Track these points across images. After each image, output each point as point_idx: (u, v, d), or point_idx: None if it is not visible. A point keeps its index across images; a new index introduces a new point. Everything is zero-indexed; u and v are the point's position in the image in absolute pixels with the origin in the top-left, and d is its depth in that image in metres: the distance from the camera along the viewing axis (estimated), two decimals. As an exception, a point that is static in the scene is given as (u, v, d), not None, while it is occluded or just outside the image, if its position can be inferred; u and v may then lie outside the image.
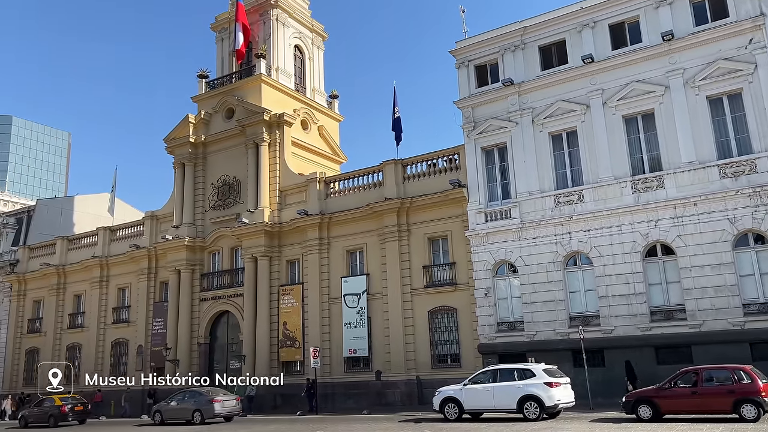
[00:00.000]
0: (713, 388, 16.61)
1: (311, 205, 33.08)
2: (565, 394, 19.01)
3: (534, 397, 18.52)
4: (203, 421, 25.00)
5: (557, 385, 18.76)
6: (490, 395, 19.38)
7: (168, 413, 26.74)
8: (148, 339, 37.85)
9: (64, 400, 30.17)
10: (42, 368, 42.81)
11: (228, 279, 35.82)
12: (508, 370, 19.78)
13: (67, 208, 53.23)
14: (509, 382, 19.20)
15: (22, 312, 45.63)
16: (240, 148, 36.52)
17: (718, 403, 16.35)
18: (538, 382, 18.72)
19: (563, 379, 19.40)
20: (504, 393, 19.09)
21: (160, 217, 39.75)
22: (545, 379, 18.75)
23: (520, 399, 18.69)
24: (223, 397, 25.80)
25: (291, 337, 32.43)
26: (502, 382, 19.37)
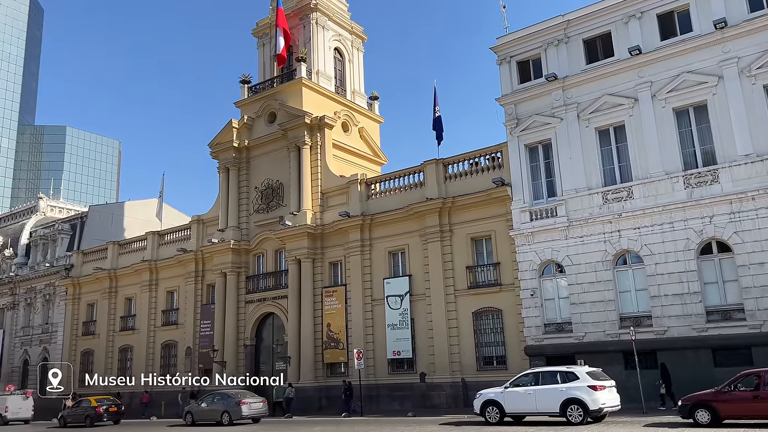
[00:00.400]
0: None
1: (353, 206, 33.08)
2: (609, 398, 18.50)
3: (577, 400, 18.08)
4: (231, 422, 25.63)
5: (601, 388, 18.26)
6: (532, 398, 19.07)
7: (198, 414, 27.71)
8: (196, 341, 38.56)
9: (99, 401, 31.55)
10: (97, 369, 44.32)
11: (272, 281, 36.17)
12: (551, 372, 19.44)
13: (118, 214, 54.89)
14: (552, 385, 18.87)
15: (77, 315, 47.19)
16: (282, 151, 36.86)
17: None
18: (582, 385, 18.25)
19: (608, 382, 18.86)
20: (546, 396, 18.74)
21: (206, 221, 40.48)
22: (589, 382, 18.28)
23: (563, 402, 18.31)
24: (250, 400, 26.45)
25: (335, 339, 32.48)
26: (544, 385, 19.03)
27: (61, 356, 47.05)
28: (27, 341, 50.59)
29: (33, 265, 52.01)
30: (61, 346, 47.33)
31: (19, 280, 52.01)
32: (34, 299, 51.06)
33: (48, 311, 49.88)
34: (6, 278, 53.15)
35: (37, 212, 59.24)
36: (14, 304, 52.41)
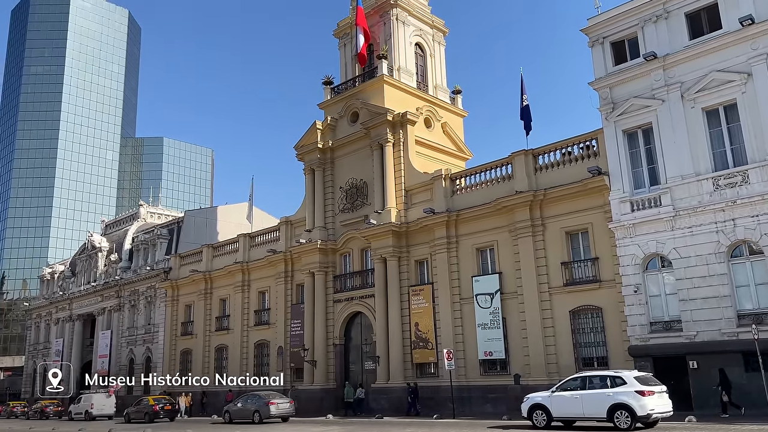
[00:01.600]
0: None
1: (437, 203, 32.29)
2: (659, 403, 17.87)
3: (625, 405, 17.68)
4: (261, 421, 28.13)
5: (650, 393, 17.74)
6: (579, 403, 18.81)
7: (234, 413, 30.45)
8: (287, 340, 39.12)
9: (156, 400, 35.67)
10: (194, 368, 46.07)
11: (359, 280, 36.03)
12: (599, 377, 19.19)
13: (212, 218, 56.98)
14: (599, 389, 18.57)
15: (176, 316, 49.31)
16: (366, 150, 36.66)
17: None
18: (629, 390, 17.88)
19: (658, 387, 18.22)
20: (593, 400, 18.47)
21: (294, 222, 41.02)
22: (637, 387, 17.85)
23: (611, 407, 17.95)
24: (278, 401, 28.97)
25: (423, 339, 31.80)
26: (591, 390, 18.78)
27: (162, 355, 49.36)
28: (132, 341, 53.49)
29: (135, 269, 54.97)
30: (162, 345, 49.62)
31: (124, 283, 55.14)
32: (137, 301, 53.93)
33: (150, 312, 52.51)
34: (112, 281, 56.54)
35: (138, 219, 62.68)
36: (120, 306, 55.63)
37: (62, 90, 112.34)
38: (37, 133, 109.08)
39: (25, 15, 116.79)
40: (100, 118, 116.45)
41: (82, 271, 63.09)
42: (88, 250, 63.09)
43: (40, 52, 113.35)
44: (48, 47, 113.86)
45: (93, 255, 61.72)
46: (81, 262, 64.07)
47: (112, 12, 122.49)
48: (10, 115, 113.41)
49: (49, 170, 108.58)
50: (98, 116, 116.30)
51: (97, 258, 60.95)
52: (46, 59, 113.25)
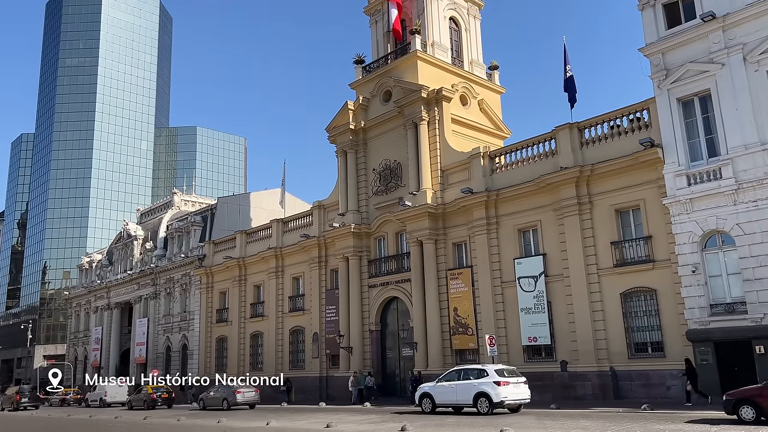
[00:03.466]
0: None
1: (476, 182, 30.84)
2: (514, 392, 21.28)
3: (485, 393, 21.09)
4: (229, 407, 31.55)
5: (506, 383, 21.11)
6: (454, 392, 22.42)
7: (207, 401, 33.95)
8: (322, 326, 38.34)
9: (155, 389, 38.97)
10: (230, 355, 45.80)
11: (394, 264, 34.91)
12: (470, 370, 22.78)
13: (244, 205, 56.60)
14: (468, 380, 22.01)
15: (211, 303, 49.07)
16: (399, 130, 35.38)
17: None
18: (489, 381, 21.25)
19: (514, 378, 21.63)
20: (463, 390, 21.99)
21: (327, 206, 40.09)
22: (495, 378, 21.22)
23: (475, 395, 21.39)
24: (244, 389, 32.61)
25: (463, 324, 30.55)
26: (464, 380, 22.21)
27: (198, 343, 49.25)
28: (168, 328, 53.59)
29: (170, 257, 54.96)
30: (198, 333, 49.51)
31: (159, 270, 55.22)
32: (172, 288, 53.95)
33: (185, 300, 52.47)
34: (148, 269, 56.72)
35: (172, 207, 62.74)
36: (156, 294, 55.78)
37: (97, 81, 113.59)
38: (73, 125, 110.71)
39: (59, 8, 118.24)
40: (134, 108, 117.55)
41: (119, 260, 63.59)
42: (124, 238, 63.52)
43: (75, 45, 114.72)
44: (82, 39, 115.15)
45: (129, 243, 62.08)
46: (117, 251, 64.59)
47: (143, 2, 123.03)
48: (48, 108, 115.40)
49: (85, 161, 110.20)
50: (132, 106, 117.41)
51: (132, 246, 61.29)
52: (80, 51, 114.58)
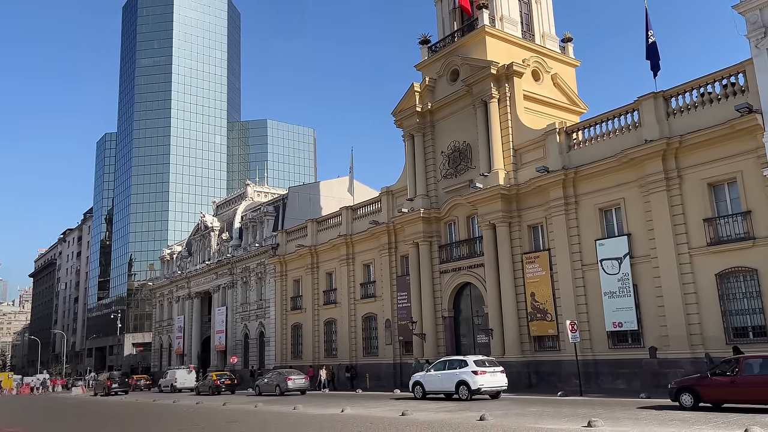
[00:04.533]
0: (752, 377, 15.77)
1: (552, 160, 29.29)
2: (490, 380, 23.58)
3: (465, 381, 23.59)
4: (282, 393, 34.14)
5: (482, 372, 23.48)
6: (440, 380, 24.97)
7: (262, 387, 36.54)
8: (394, 313, 37.94)
9: (218, 376, 41.68)
10: (305, 342, 46.26)
11: (466, 249, 33.90)
12: (454, 360, 25.27)
13: (314, 194, 56.97)
14: (452, 370, 24.48)
15: (285, 291, 49.74)
16: (468, 110, 34.20)
17: (758, 393, 15.58)
18: (468, 370, 23.68)
19: (491, 368, 23.91)
20: (447, 378, 24.51)
21: (395, 192, 39.51)
22: (473, 368, 23.58)
23: (457, 383, 23.91)
24: (295, 377, 34.98)
25: (541, 310, 29.23)
26: (448, 370, 24.67)
27: (274, 330, 50.12)
28: (246, 316, 54.87)
29: (245, 246, 56.15)
30: (273, 320, 50.38)
31: (235, 260, 56.55)
32: (248, 277, 55.14)
33: (261, 288, 53.49)
34: (225, 259, 58.23)
35: (246, 198, 64.08)
36: (233, 283, 57.20)
37: (171, 80, 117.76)
38: (151, 123, 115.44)
39: (134, 10, 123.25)
40: (206, 104, 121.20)
41: (197, 251, 65.68)
42: (202, 230, 65.50)
43: (150, 45, 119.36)
44: (156, 39, 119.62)
45: (206, 235, 63.97)
46: (196, 242, 66.73)
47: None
48: (127, 107, 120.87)
49: (164, 158, 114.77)
50: (205, 102, 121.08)
51: (210, 237, 63.10)
52: (155, 51, 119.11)
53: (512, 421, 16.24)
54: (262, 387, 36.56)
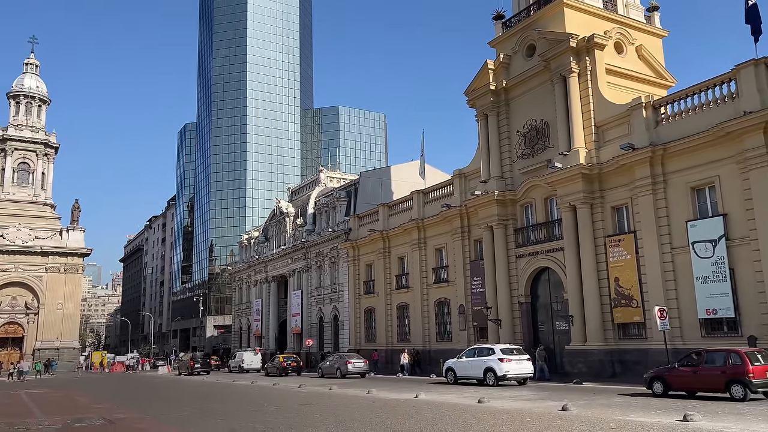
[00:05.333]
0: (709, 368, 18.00)
1: (637, 137, 27.45)
2: (516, 367, 25.02)
3: (491, 368, 25.05)
4: (343, 375, 35.62)
5: (508, 360, 24.91)
6: (470, 367, 26.45)
7: (324, 370, 38.27)
8: (467, 298, 37.15)
9: (285, 358, 44.21)
10: (378, 326, 46.27)
11: (544, 232, 32.55)
12: (482, 348, 26.87)
13: (386, 178, 56.66)
14: (480, 357, 25.99)
15: (358, 275, 49.88)
16: (545, 86, 32.67)
17: (712, 382, 17.80)
18: (495, 358, 25.10)
19: (516, 356, 25.31)
20: (476, 365, 26.05)
21: (468, 174, 38.51)
22: (500, 356, 25.02)
23: (484, 370, 25.38)
24: (354, 360, 36.57)
25: (626, 295, 27.62)
26: (477, 357, 26.19)
27: (348, 314, 50.46)
28: (320, 300, 55.58)
29: (319, 231, 56.75)
30: (347, 304, 50.71)
31: (309, 245, 57.31)
32: (322, 262, 55.75)
33: (334, 272, 53.95)
34: (299, 244, 59.15)
35: (319, 184, 64.76)
36: (308, 267, 58.03)
37: (246, 69, 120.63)
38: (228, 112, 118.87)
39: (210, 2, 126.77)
40: (280, 92, 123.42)
41: (273, 236, 67.10)
42: (277, 216, 66.79)
43: (226, 36, 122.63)
44: (231, 30, 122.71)
45: (281, 220, 65.19)
46: (272, 228, 68.18)
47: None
48: (205, 98, 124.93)
49: (241, 146, 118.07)
50: (279, 90, 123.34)
51: (285, 223, 64.26)
52: (230, 42, 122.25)
53: (598, 413, 15.27)
54: (324, 369, 38.28)
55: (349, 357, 37.25)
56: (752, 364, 17.01)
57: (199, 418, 16.77)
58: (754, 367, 16.96)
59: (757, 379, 16.84)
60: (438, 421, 14.64)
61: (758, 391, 17.06)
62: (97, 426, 16.12)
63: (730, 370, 17.42)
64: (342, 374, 36.03)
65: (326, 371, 37.92)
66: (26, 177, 76.42)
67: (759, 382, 16.88)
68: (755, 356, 17.41)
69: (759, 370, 16.93)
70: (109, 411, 19.84)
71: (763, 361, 17.20)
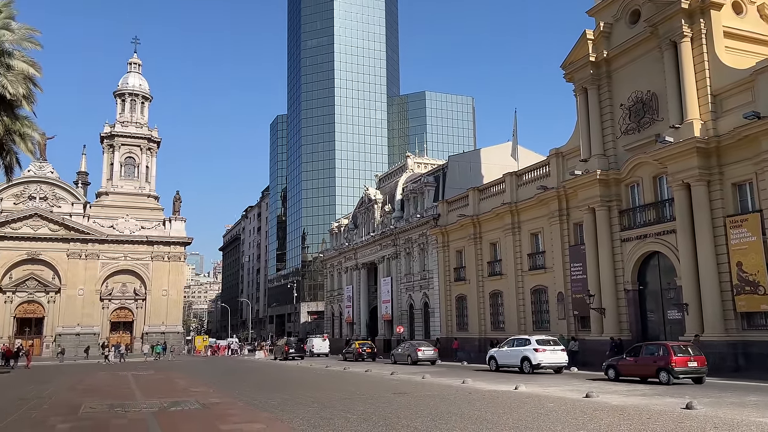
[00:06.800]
0: (645, 358, 21.67)
1: (763, 104, 24.42)
2: (550, 357, 26.91)
3: (527, 357, 27.07)
4: (413, 362, 36.92)
5: (542, 350, 26.84)
6: (509, 355, 28.51)
7: (396, 357, 39.93)
8: (567, 286, 35.09)
9: (361, 344, 46.22)
10: (470, 314, 44.95)
11: (653, 214, 29.95)
12: (520, 339, 29.12)
13: (475, 162, 54.91)
14: (518, 347, 28.06)
15: (448, 261, 48.71)
16: (652, 54, 29.93)
17: (647, 369, 21.52)
18: (530, 348, 27.11)
19: (551, 347, 27.21)
20: (514, 355, 28.04)
21: (566, 154, 36.27)
22: (535, 346, 27.02)
23: (521, 359, 27.49)
24: (424, 348, 38.22)
25: (750, 282, 24.75)
26: (515, 347, 28.24)
27: (438, 301, 49.47)
28: (410, 287, 54.94)
29: (407, 218, 56.01)
30: (437, 291, 49.72)
31: (398, 231, 56.73)
32: (411, 248, 55.03)
33: (424, 259, 53.08)
34: (388, 231, 58.72)
35: (406, 170, 63.97)
36: (397, 254, 57.54)
37: (333, 59, 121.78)
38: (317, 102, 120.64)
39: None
40: (367, 80, 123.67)
41: (362, 223, 67.19)
42: (366, 203, 66.78)
43: (313, 26, 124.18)
44: (319, 20, 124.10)
45: (370, 207, 65.09)
46: (361, 215, 68.31)
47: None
48: (295, 89, 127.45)
49: (329, 135, 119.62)
50: (365, 78, 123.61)
51: (373, 210, 64.10)
52: (317, 32, 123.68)
53: (729, 413, 13.38)
54: (397, 356, 39.95)
55: (419, 345, 39.04)
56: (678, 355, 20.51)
57: (292, 405, 16.38)
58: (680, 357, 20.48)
59: None
60: (543, 417, 13.35)
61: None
62: (192, 410, 16.11)
63: (659, 359, 20.82)
64: (413, 361, 37.20)
65: (398, 358, 39.59)
66: (132, 171, 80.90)
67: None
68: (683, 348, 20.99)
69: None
70: (204, 395, 19.99)
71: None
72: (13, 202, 71.26)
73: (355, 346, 46.30)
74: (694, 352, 20.92)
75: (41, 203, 72.46)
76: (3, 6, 29.32)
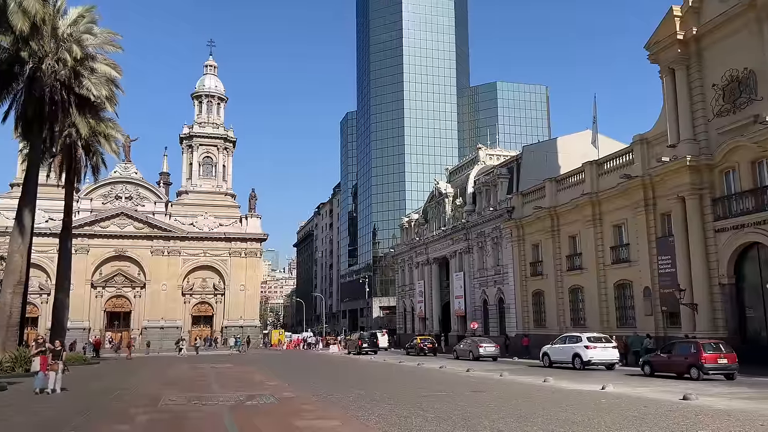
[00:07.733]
0: (677, 355, 22.97)
1: None
2: (601, 354, 27.99)
3: (578, 354, 28.25)
4: (475, 359, 37.78)
5: (593, 347, 27.92)
6: (561, 352, 29.86)
7: (459, 352, 40.89)
8: (654, 280, 32.95)
9: (422, 340, 49.02)
10: (548, 310, 43.31)
11: (752, 202, 27.51)
12: (572, 336, 30.28)
13: (551, 151, 52.84)
14: (569, 344, 29.35)
15: (524, 256, 47.10)
16: (749, 28, 27.55)
17: (679, 366, 22.71)
18: (581, 345, 28.27)
19: (601, 344, 28.24)
20: (566, 351, 29.40)
21: (651, 140, 34.06)
22: (586, 343, 28.14)
23: (572, 355, 28.72)
24: (486, 344, 39.00)
25: None
26: (567, 344, 29.60)
27: (513, 297, 48.00)
28: (483, 282, 53.64)
29: (479, 211, 54.66)
30: (512, 286, 48.24)
31: (470, 225, 55.50)
32: (484, 243, 53.69)
33: (498, 253, 51.65)
34: (459, 225, 57.60)
35: (477, 162, 62.49)
36: (469, 249, 56.33)
37: (402, 53, 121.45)
38: (386, 98, 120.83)
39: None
40: (436, 73, 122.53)
41: (433, 218, 66.31)
42: (436, 197, 65.84)
43: (382, 21, 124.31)
44: (387, 15, 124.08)
45: (440, 201, 64.13)
46: (431, 209, 67.43)
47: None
48: (364, 85, 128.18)
49: (399, 130, 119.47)
50: (434, 71, 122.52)
51: (444, 204, 63.10)
52: (386, 27, 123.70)
53: None
54: (459, 352, 40.97)
55: (481, 341, 40.04)
56: (707, 352, 21.71)
57: (367, 401, 15.95)
58: (710, 354, 21.63)
59: None
60: (639, 420, 12.23)
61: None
62: (267, 404, 15.97)
63: (690, 357, 22.15)
64: (474, 357, 38.14)
65: (460, 353, 40.48)
66: (210, 170, 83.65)
67: None
68: (713, 346, 22.09)
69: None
70: (279, 389, 19.93)
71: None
72: (102, 201, 75.31)
73: (416, 342, 49.24)
74: (726, 350, 21.87)
75: (126, 203, 76.21)
76: (86, 11, 30.55)
